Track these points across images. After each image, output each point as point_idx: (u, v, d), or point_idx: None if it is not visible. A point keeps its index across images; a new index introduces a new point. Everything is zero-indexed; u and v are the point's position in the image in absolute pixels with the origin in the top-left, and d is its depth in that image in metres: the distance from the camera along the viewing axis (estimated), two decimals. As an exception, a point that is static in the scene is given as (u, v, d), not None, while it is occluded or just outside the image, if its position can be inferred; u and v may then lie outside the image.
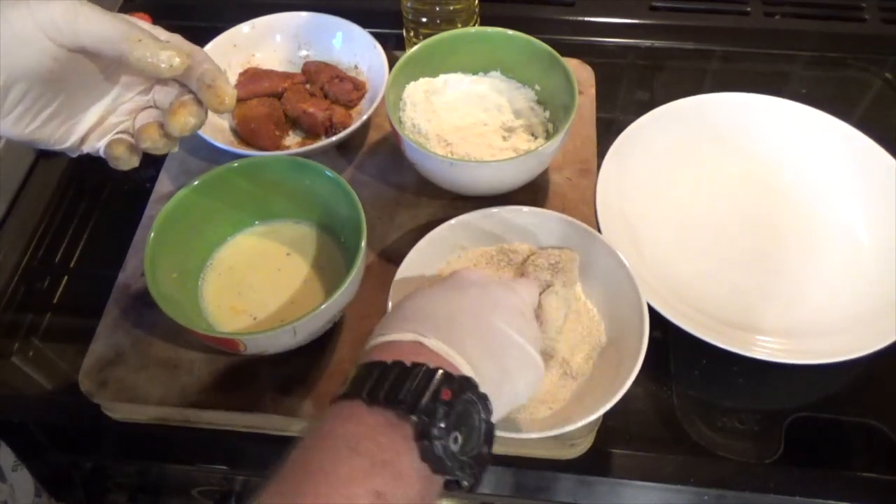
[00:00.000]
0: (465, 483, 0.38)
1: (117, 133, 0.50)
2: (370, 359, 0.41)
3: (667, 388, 0.62)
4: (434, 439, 0.37)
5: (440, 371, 0.39)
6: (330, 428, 0.38)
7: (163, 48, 0.44)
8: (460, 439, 0.37)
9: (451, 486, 0.39)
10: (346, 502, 0.34)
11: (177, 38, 0.48)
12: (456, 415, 0.38)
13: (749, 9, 0.91)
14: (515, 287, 0.50)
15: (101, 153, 0.50)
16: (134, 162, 0.51)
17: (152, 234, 0.57)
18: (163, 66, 0.44)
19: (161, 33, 0.47)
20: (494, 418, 0.41)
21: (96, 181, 0.79)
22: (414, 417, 0.37)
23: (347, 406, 0.38)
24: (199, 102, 0.48)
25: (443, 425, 0.37)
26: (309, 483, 0.35)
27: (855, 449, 0.59)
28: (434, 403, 0.37)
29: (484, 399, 0.40)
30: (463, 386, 0.39)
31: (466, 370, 0.41)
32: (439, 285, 0.48)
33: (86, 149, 0.50)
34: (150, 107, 0.51)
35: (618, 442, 0.59)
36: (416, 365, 0.39)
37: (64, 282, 0.72)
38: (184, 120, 0.47)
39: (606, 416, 0.53)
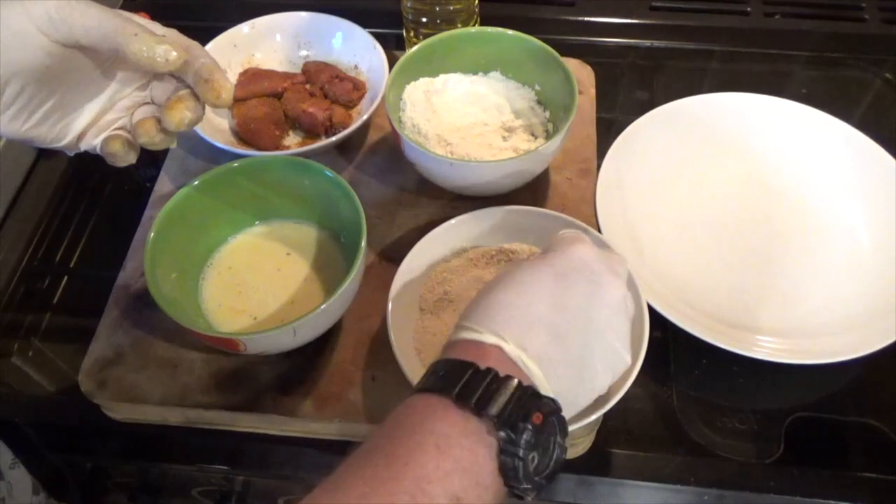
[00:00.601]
0: (529, 498, 0.38)
1: (114, 129, 0.50)
2: (457, 355, 0.40)
3: (667, 388, 0.62)
4: (515, 457, 0.37)
5: (531, 390, 0.39)
6: (418, 419, 0.38)
7: (159, 42, 0.44)
8: (536, 459, 0.38)
9: (512, 496, 0.39)
10: (427, 500, 0.35)
11: (173, 33, 0.48)
12: (539, 436, 0.38)
13: (749, 9, 0.91)
14: (619, 270, 0.47)
15: (98, 150, 0.50)
16: (131, 158, 0.51)
17: (152, 234, 0.57)
18: (159, 60, 0.44)
19: (157, 28, 0.47)
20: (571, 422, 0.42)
21: (96, 181, 0.79)
22: (502, 434, 0.37)
23: (436, 400, 0.38)
24: (196, 97, 0.48)
25: (525, 445, 0.37)
26: (393, 473, 0.35)
27: (855, 449, 0.59)
28: (525, 424, 0.37)
29: (564, 424, 0.40)
30: (552, 409, 0.39)
31: (547, 390, 0.40)
32: (538, 267, 0.44)
33: (83, 146, 0.50)
34: (148, 103, 0.51)
35: (618, 442, 0.59)
36: (508, 378, 0.38)
37: (64, 282, 0.72)
38: (180, 114, 0.47)
39: (606, 416, 0.53)
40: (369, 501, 0.34)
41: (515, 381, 0.38)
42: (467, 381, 0.38)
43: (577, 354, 0.42)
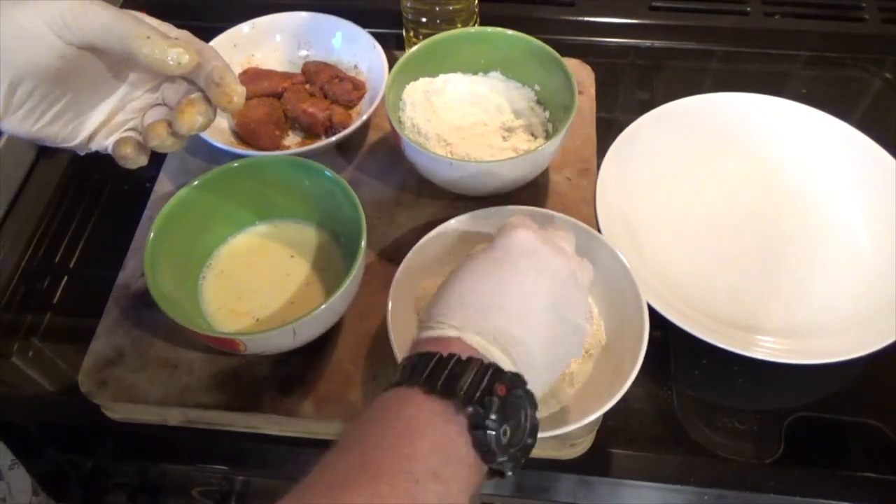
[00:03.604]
0: (508, 472, 0.40)
1: (126, 131, 0.50)
2: (423, 349, 0.42)
3: (667, 388, 0.62)
4: (487, 430, 0.38)
5: (493, 366, 0.40)
6: (390, 410, 0.39)
7: (172, 45, 0.44)
8: (509, 432, 0.39)
9: (493, 474, 0.40)
10: (408, 478, 0.36)
11: (186, 35, 0.48)
12: (507, 409, 0.39)
13: (749, 9, 0.91)
14: (564, 246, 0.49)
15: (110, 151, 0.50)
16: (142, 161, 0.51)
17: (152, 234, 0.57)
18: (171, 63, 0.44)
19: (170, 30, 0.47)
20: (541, 395, 0.43)
21: (96, 181, 0.79)
22: (470, 409, 0.38)
23: (405, 392, 0.40)
24: (208, 101, 0.48)
25: (494, 418, 0.38)
26: (373, 457, 0.37)
27: (855, 449, 0.60)
28: (489, 397, 0.39)
29: (531, 396, 0.41)
30: (514, 383, 0.41)
31: (510, 367, 0.42)
32: (487, 258, 0.47)
33: (94, 147, 0.50)
34: (159, 104, 0.51)
35: (618, 442, 0.59)
36: (471, 359, 0.40)
37: (64, 282, 0.72)
38: (192, 118, 0.47)
39: (606, 416, 0.53)
40: (350, 489, 0.35)
41: (477, 361, 0.40)
42: (432, 369, 0.40)
43: (536, 332, 0.44)
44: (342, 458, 0.37)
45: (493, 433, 0.38)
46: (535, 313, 0.45)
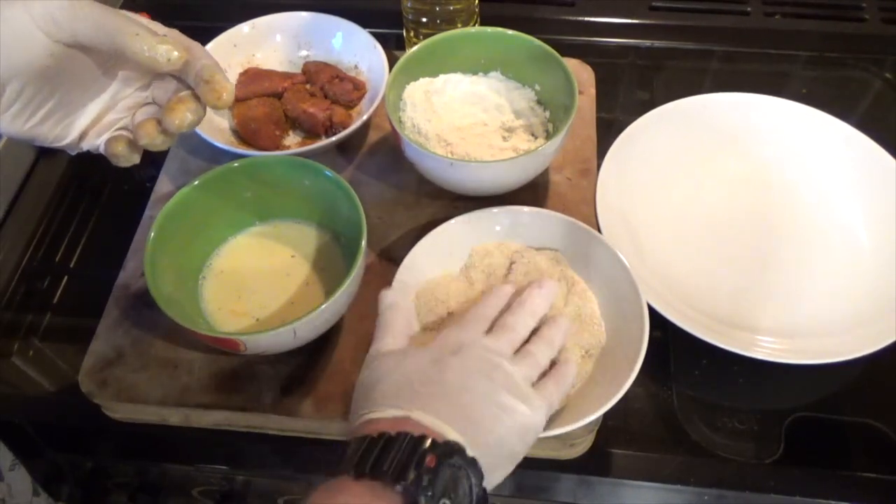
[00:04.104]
0: None
1: (116, 130, 0.50)
2: (356, 434, 0.42)
3: (667, 388, 0.62)
4: None
5: (425, 438, 0.40)
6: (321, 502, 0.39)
7: (160, 42, 0.44)
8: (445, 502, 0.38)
9: None
10: None
11: (175, 33, 0.48)
12: (443, 482, 0.38)
13: (749, 9, 0.91)
14: (501, 348, 0.50)
15: (101, 150, 0.50)
16: (134, 159, 0.50)
17: (152, 234, 0.57)
18: (160, 59, 0.44)
19: (159, 28, 0.47)
20: (492, 482, 0.43)
21: (96, 181, 0.79)
22: (399, 487, 0.37)
23: (335, 482, 0.39)
24: (197, 98, 0.48)
25: (430, 493, 0.37)
26: None
27: (855, 449, 0.60)
28: (418, 471, 0.38)
29: (473, 463, 0.40)
30: (448, 451, 0.40)
31: (452, 435, 0.41)
32: (422, 354, 0.48)
33: (85, 146, 0.50)
34: (149, 103, 0.51)
35: (618, 442, 0.59)
36: (400, 434, 0.40)
37: (64, 282, 0.72)
38: (181, 116, 0.47)
39: (606, 416, 0.53)
40: None
41: (407, 435, 0.40)
42: (363, 452, 0.39)
43: (477, 413, 0.44)
44: None
45: None
46: (475, 395, 0.45)
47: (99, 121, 0.50)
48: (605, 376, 0.55)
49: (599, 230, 0.66)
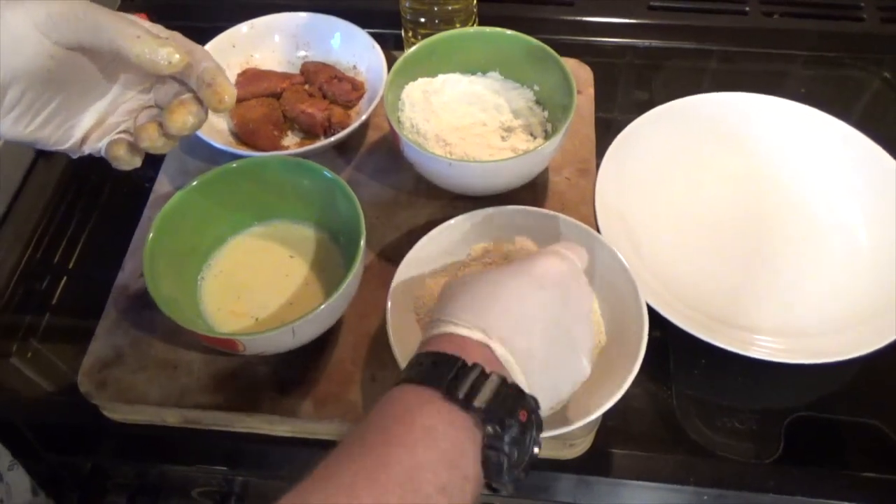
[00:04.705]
0: (504, 493, 0.39)
1: (118, 133, 0.50)
2: (442, 348, 0.41)
3: (666, 388, 0.62)
4: (500, 452, 0.38)
5: (516, 387, 0.40)
6: (407, 411, 0.38)
7: (162, 45, 0.44)
8: (517, 454, 0.39)
9: (489, 490, 0.40)
10: (415, 488, 0.35)
11: (176, 36, 0.48)
12: (523, 434, 0.39)
13: (747, 8, 0.91)
14: (586, 286, 0.49)
15: (103, 153, 0.50)
16: (136, 162, 0.50)
17: (151, 235, 0.57)
18: (162, 62, 0.44)
19: (161, 31, 0.47)
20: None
21: (96, 181, 0.78)
22: (489, 429, 0.38)
23: (424, 393, 0.39)
24: (199, 101, 0.48)
25: (509, 440, 0.38)
26: (381, 462, 0.36)
27: (854, 449, 0.60)
28: (511, 420, 0.38)
29: (541, 422, 0.41)
30: (533, 408, 0.40)
31: (527, 389, 0.41)
32: (517, 273, 0.46)
33: (87, 149, 0.50)
34: (151, 106, 0.51)
35: (618, 442, 0.59)
36: (493, 374, 0.40)
37: (63, 282, 0.72)
38: (183, 119, 0.47)
39: (606, 416, 0.53)
40: (358, 491, 0.35)
41: (501, 377, 0.40)
42: (455, 375, 0.39)
43: (551, 361, 0.44)
44: (352, 458, 0.36)
45: (507, 456, 0.38)
46: (555, 343, 0.44)
47: (100, 124, 0.50)
48: (605, 376, 0.55)
49: (598, 230, 0.66)
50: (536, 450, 0.40)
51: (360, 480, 0.35)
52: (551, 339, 0.44)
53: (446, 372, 0.39)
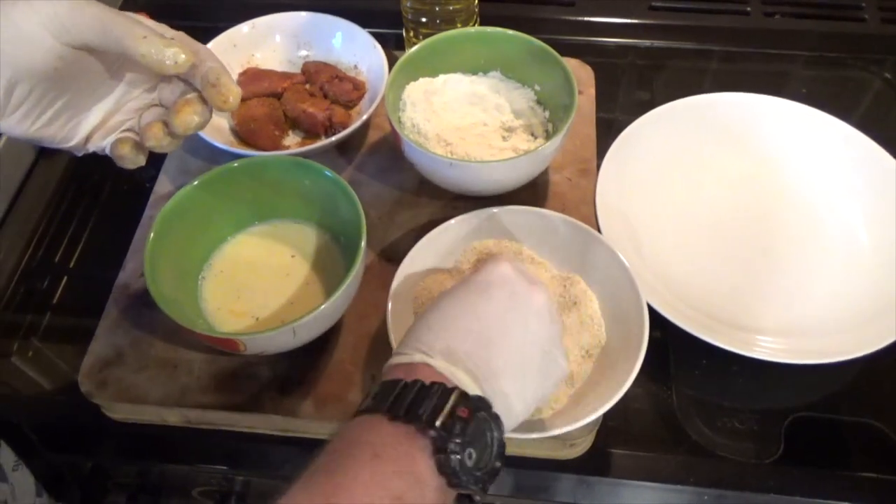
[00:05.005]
0: (477, 497, 0.40)
1: (123, 132, 0.50)
2: (390, 377, 0.42)
3: (667, 388, 0.62)
4: (450, 453, 0.38)
5: (457, 390, 0.40)
6: (354, 436, 0.39)
7: (168, 45, 0.44)
8: (474, 455, 0.39)
9: (462, 500, 0.40)
10: (369, 500, 0.36)
11: (182, 36, 0.48)
12: (471, 432, 0.39)
13: (749, 9, 0.91)
14: (537, 282, 0.49)
15: (107, 152, 0.50)
16: (140, 161, 0.51)
17: (152, 234, 0.57)
18: (167, 62, 0.44)
19: (166, 31, 0.47)
20: (513, 424, 0.44)
21: (96, 181, 0.79)
22: (433, 432, 0.38)
23: (369, 419, 0.40)
24: (204, 101, 0.48)
25: (458, 441, 0.38)
26: (332, 485, 0.37)
27: (855, 449, 0.60)
28: (452, 420, 0.39)
29: (496, 419, 0.41)
30: (478, 405, 0.41)
31: (476, 391, 0.42)
32: (461, 287, 0.48)
33: (91, 147, 0.50)
34: (156, 105, 0.51)
35: (618, 442, 0.59)
36: (434, 384, 0.41)
37: (64, 282, 0.72)
38: (188, 118, 0.47)
39: (606, 416, 0.53)
40: None
41: (439, 385, 0.40)
42: (397, 396, 0.40)
43: (506, 357, 0.44)
44: (310, 488, 0.37)
45: (458, 456, 0.38)
46: (506, 339, 0.45)
47: (105, 122, 0.50)
48: (605, 376, 0.55)
49: (599, 230, 0.66)
50: (498, 447, 0.40)
51: (318, 502, 0.36)
52: (509, 339, 0.45)
53: (389, 395, 0.40)
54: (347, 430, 0.40)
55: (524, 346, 0.46)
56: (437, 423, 0.38)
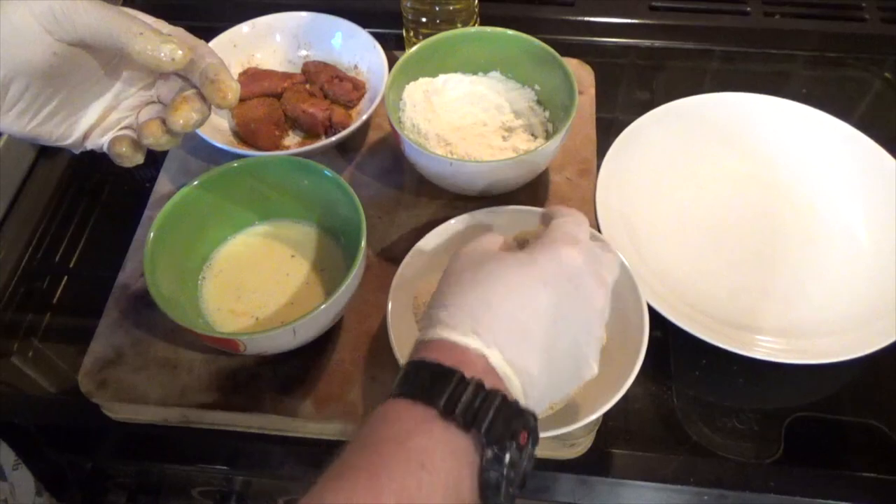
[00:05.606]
0: None
1: (120, 129, 0.50)
2: (438, 358, 0.38)
3: (667, 388, 0.62)
4: (500, 475, 0.36)
5: (516, 405, 0.38)
6: (402, 433, 0.36)
7: (164, 41, 0.43)
8: (513, 475, 0.37)
9: None
10: None
11: (180, 32, 0.48)
12: (521, 454, 0.37)
13: (749, 9, 0.91)
14: (606, 275, 0.45)
15: (105, 150, 0.50)
16: (138, 158, 0.50)
17: (152, 234, 0.57)
18: (164, 59, 0.44)
19: (163, 27, 0.47)
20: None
21: (96, 181, 0.79)
22: (489, 452, 0.36)
23: (419, 412, 0.37)
24: (202, 97, 0.47)
25: (507, 462, 0.36)
26: (375, 490, 0.34)
27: (855, 449, 0.59)
28: (511, 442, 0.37)
29: (538, 438, 0.39)
30: (532, 426, 0.38)
31: (524, 403, 0.39)
32: (523, 265, 0.42)
33: (88, 145, 0.50)
34: (153, 102, 0.51)
35: (618, 442, 0.59)
36: (494, 391, 0.37)
37: (64, 282, 0.72)
38: (186, 115, 0.47)
39: (606, 416, 0.53)
40: None
41: (501, 395, 0.37)
42: (453, 392, 0.37)
43: (554, 366, 0.42)
44: (344, 482, 0.34)
45: (505, 479, 0.36)
46: (558, 347, 0.42)
47: (103, 120, 0.49)
48: (605, 376, 0.55)
49: (599, 230, 0.66)
50: (529, 464, 0.38)
51: None
52: (555, 340, 0.41)
53: (443, 387, 0.37)
54: (392, 419, 0.37)
55: (572, 349, 0.42)
56: (496, 441, 0.36)
